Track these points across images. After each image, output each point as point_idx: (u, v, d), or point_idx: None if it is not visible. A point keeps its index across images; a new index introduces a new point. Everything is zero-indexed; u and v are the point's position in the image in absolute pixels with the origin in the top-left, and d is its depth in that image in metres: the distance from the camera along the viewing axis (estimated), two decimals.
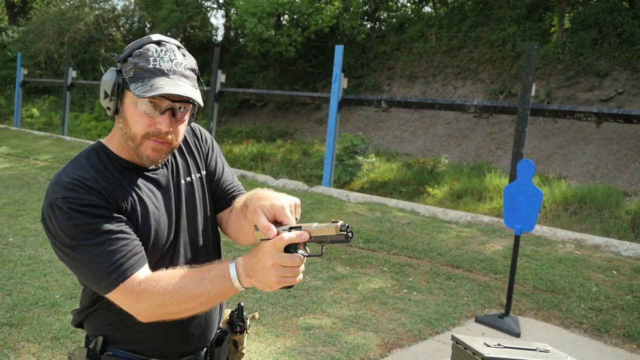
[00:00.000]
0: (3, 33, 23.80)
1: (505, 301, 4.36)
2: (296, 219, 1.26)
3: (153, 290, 1.22)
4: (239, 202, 1.47)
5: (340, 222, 1.17)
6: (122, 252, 1.24)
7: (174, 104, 1.29)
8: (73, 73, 15.10)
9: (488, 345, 1.25)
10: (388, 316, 4.25)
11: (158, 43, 1.30)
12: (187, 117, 1.35)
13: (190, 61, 1.34)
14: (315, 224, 1.20)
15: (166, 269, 1.32)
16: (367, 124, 15.40)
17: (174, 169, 1.43)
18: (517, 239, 4.33)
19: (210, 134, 9.67)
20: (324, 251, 1.20)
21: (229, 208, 1.53)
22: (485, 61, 14.72)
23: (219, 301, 1.26)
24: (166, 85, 1.24)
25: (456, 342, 1.29)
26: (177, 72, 1.29)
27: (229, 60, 19.09)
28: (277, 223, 1.23)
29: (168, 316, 1.25)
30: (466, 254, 5.66)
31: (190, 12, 18.42)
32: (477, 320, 4.30)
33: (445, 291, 4.85)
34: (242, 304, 1.53)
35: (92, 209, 1.23)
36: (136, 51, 1.29)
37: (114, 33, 22.51)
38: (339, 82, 8.67)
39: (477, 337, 1.28)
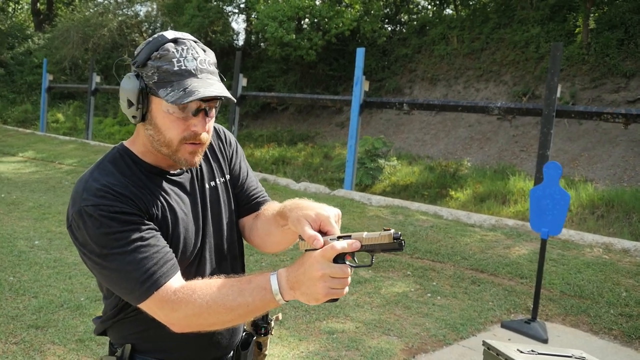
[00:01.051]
0: (29, 40, 24.32)
1: (532, 306, 4.28)
2: None
3: (190, 300, 1.18)
4: (268, 209, 1.44)
5: (392, 230, 1.13)
6: (154, 260, 1.20)
7: (205, 104, 1.25)
8: (97, 78, 15.32)
9: (521, 352, 1.21)
10: (412, 320, 4.20)
11: (175, 41, 1.24)
12: (215, 113, 1.33)
13: (211, 55, 1.30)
14: (366, 233, 1.16)
15: (194, 276, 1.29)
16: (389, 127, 15.33)
17: (199, 173, 1.40)
18: (543, 242, 4.24)
19: None
20: (374, 261, 1.15)
21: (253, 214, 1.50)
22: (508, 63, 14.55)
23: (258, 314, 1.21)
24: (200, 87, 1.20)
25: (488, 347, 1.25)
26: (204, 70, 1.24)
27: (250, 64, 19.19)
28: (322, 233, 1.18)
29: (204, 327, 1.21)
30: (491, 258, 5.57)
31: (212, 17, 18.56)
32: (503, 326, 4.23)
33: (469, 296, 4.78)
34: None
35: (124, 216, 1.20)
36: (155, 53, 1.22)
37: (137, 39, 22.79)
38: (361, 85, 8.64)
39: (509, 343, 1.24)
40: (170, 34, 1.26)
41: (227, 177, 1.48)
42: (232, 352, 1.43)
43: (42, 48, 23.46)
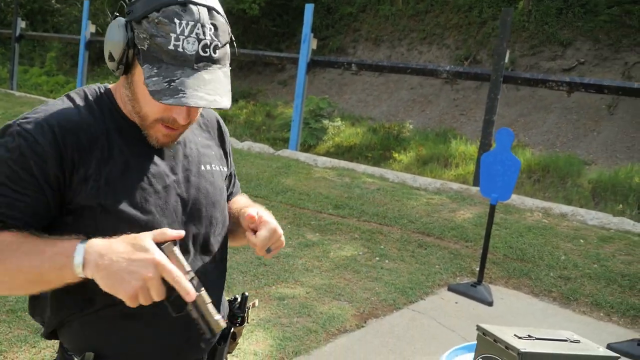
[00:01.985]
0: None
1: (478, 269, 4.35)
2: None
3: None
4: (233, 203, 1.37)
5: (223, 323, 1.00)
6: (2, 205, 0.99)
7: None
8: (22, 24, 14.20)
9: (519, 337, 1.14)
10: (362, 285, 4.18)
11: (184, 6, 1.01)
12: None
13: (224, 34, 1.07)
14: (210, 303, 1.00)
15: None
16: (331, 87, 15.17)
17: (194, 149, 1.22)
18: (492, 208, 4.29)
19: None
20: (185, 312, 0.97)
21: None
22: (451, 26, 14.61)
23: (47, 284, 0.98)
24: (188, 88, 0.99)
25: (483, 333, 1.18)
26: (206, 58, 1.03)
27: None
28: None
29: None
30: (437, 222, 5.63)
31: None
32: (450, 289, 4.28)
33: (417, 259, 4.81)
34: (247, 293, 1.32)
35: (31, 156, 1.00)
36: (154, 14, 1.00)
37: None
38: (308, 43, 8.40)
39: (505, 328, 1.18)
40: None
41: (225, 169, 1.32)
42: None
43: None
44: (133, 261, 0.92)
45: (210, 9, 1.05)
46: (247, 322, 1.33)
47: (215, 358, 1.26)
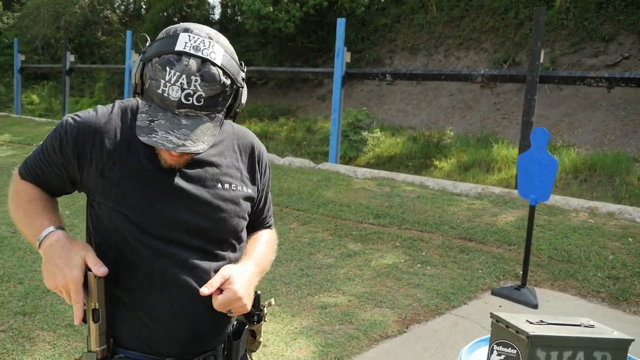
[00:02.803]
0: None
1: (521, 272, 4.31)
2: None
3: (16, 195, 1.34)
4: (252, 240, 1.46)
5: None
6: (36, 163, 1.33)
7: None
8: (71, 57, 14.93)
9: (531, 323, 1.18)
10: (403, 292, 4.21)
11: (179, 55, 1.13)
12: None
13: (212, 81, 1.14)
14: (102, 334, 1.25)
15: (149, 261, 1.26)
16: (370, 99, 15.24)
17: (215, 166, 1.33)
18: (532, 209, 4.26)
19: None
20: None
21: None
22: (487, 30, 14.48)
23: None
24: (161, 131, 1.11)
25: (496, 320, 1.22)
26: (187, 105, 1.13)
27: (227, 38, 18.82)
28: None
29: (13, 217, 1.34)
30: (478, 226, 5.59)
31: None
32: (494, 293, 4.26)
33: (459, 264, 4.80)
34: (259, 292, 1.41)
35: (66, 140, 1.27)
36: (155, 59, 1.14)
37: (109, 15, 22.24)
38: (342, 57, 8.52)
39: (517, 315, 1.22)
40: (183, 39, 1.15)
41: (249, 189, 1.39)
42: (223, 343, 1.37)
43: (12, 28, 22.77)
44: (59, 268, 1.17)
45: (204, 61, 1.14)
46: (264, 320, 1.42)
47: (232, 352, 1.37)
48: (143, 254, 1.24)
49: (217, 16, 21.27)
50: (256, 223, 1.49)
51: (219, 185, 1.32)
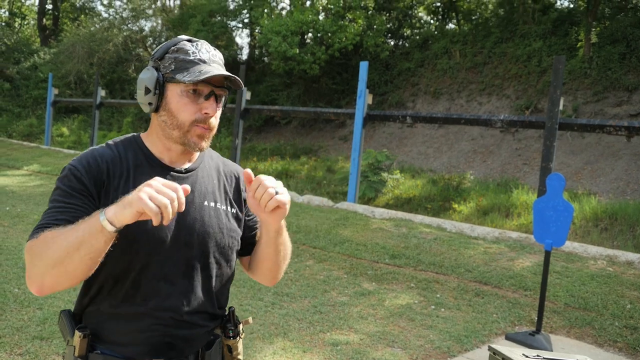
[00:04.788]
0: (35, 55, 24.52)
1: (536, 318, 4.27)
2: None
3: (35, 246, 1.24)
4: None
5: None
6: (54, 215, 1.29)
7: (216, 89, 1.38)
8: (102, 92, 15.42)
9: (527, 357, 1.22)
10: (416, 333, 4.19)
11: (190, 40, 1.41)
12: (223, 103, 1.46)
13: (220, 55, 1.46)
14: None
15: (153, 277, 1.35)
16: (391, 141, 15.37)
17: (202, 187, 1.46)
18: (547, 254, 4.25)
19: (236, 151, 9.47)
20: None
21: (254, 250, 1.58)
22: (510, 77, 14.62)
23: (90, 246, 1.18)
24: (213, 71, 1.34)
25: (493, 352, 1.26)
26: (215, 61, 1.40)
27: (254, 78, 19.31)
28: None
29: (44, 276, 1.22)
30: (494, 270, 5.57)
31: (216, 32, 18.74)
32: (508, 338, 4.21)
33: (473, 308, 4.77)
34: (233, 307, 1.52)
35: (76, 181, 1.33)
36: (172, 48, 1.39)
37: (141, 53, 22.99)
38: (364, 98, 8.69)
39: (514, 348, 1.25)
40: (184, 37, 1.43)
41: (235, 210, 1.52)
42: (195, 353, 1.44)
43: (47, 63, 23.65)
44: (139, 191, 1.14)
45: (207, 43, 1.44)
46: (241, 337, 1.51)
47: None
48: (134, 264, 1.34)
49: (244, 56, 21.86)
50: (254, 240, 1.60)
51: (206, 202, 1.45)
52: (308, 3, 17.61)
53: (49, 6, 28.98)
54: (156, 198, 1.11)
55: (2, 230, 6.58)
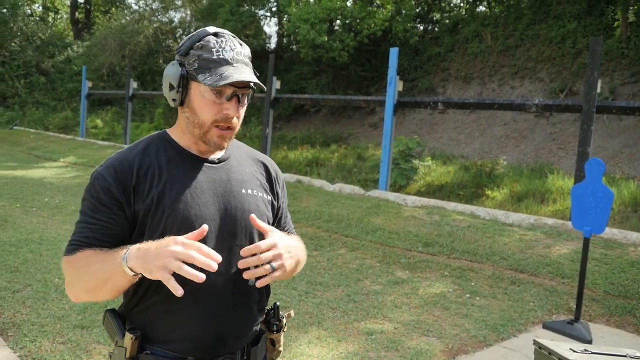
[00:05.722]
0: (69, 48, 25.01)
1: (575, 307, 4.19)
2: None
3: (71, 267, 1.33)
4: None
5: None
6: (84, 232, 1.34)
7: (239, 90, 1.37)
8: (134, 84, 15.64)
9: (574, 351, 1.19)
10: (451, 321, 4.16)
11: (216, 35, 1.38)
12: (247, 102, 1.44)
13: (247, 49, 1.42)
14: None
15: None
16: (422, 127, 15.20)
17: (237, 175, 1.48)
18: (586, 241, 4.15)
19: (266, 140, 9.51)
20: None
21: None
22: (543, 59, 14.27)
23: (112, 284, 1.28)
24: (234, 74, 1.32)
25: (539, 347, 1.23)
26: (239, 60, 1.37)
27: (282, 66, 19.30)
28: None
29: (79, 295, 1.35)
30: (530, 258, 5.47)
31: (245, 21, 18.74)
32: (545, 327, 4.15)
33: (509, 296, 4.71)
34: (278, 303, 1.54)
35: (104, 192, 1.35)
36: (197, 44, 1.36)
37: (171, 44, 23.19)
38: (394, 85, 8.60)
39: (561, 342, 1.22)
40: (211, 29, 1.40)
41: (270, 198, 1.54)
42: (242, 348, 1.45)
43: (81, 56, 24.09)
44: (158, 248, 1.19)
45: (233, 36, 1.41)
46: (284, 330, 1.54)
47: (250, 358, 1.46)
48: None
49: (273, 45, 21.84)
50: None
51: (243, 190, 1.46)
52: None
53: (81, 0, 29.44)
54: (181, 268, 1.16)
55: (42, 221, 6.76)
